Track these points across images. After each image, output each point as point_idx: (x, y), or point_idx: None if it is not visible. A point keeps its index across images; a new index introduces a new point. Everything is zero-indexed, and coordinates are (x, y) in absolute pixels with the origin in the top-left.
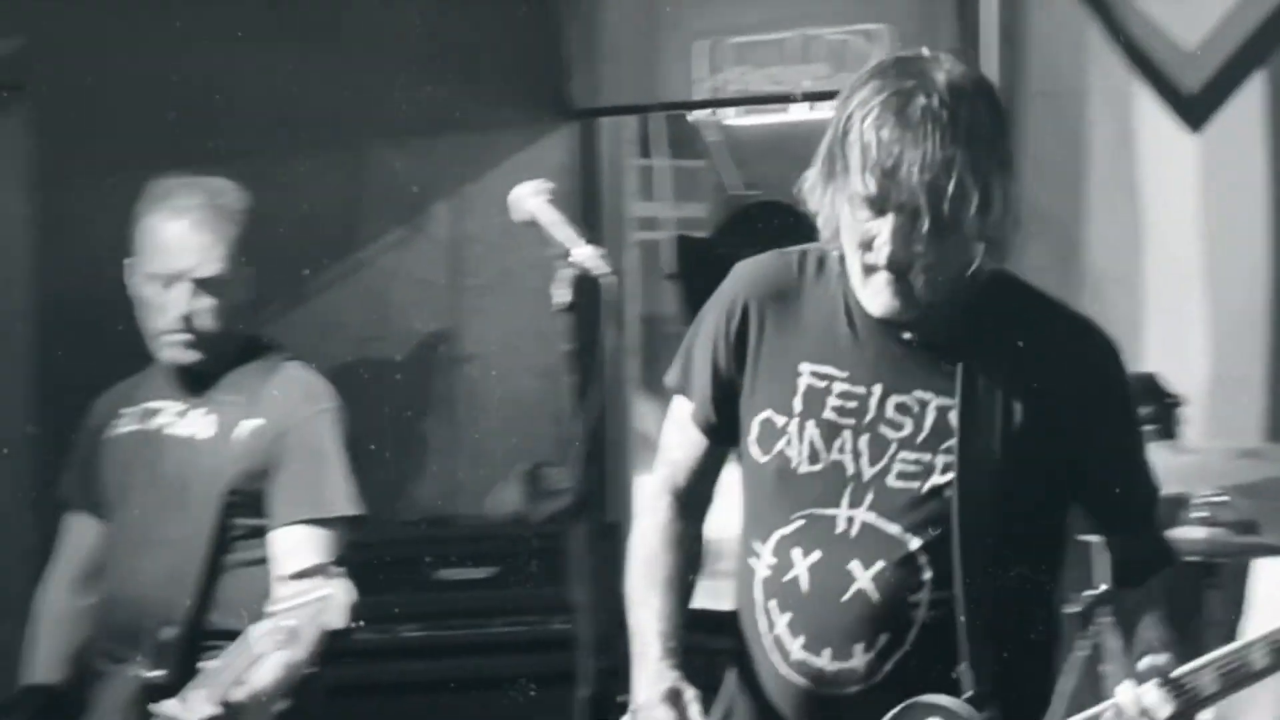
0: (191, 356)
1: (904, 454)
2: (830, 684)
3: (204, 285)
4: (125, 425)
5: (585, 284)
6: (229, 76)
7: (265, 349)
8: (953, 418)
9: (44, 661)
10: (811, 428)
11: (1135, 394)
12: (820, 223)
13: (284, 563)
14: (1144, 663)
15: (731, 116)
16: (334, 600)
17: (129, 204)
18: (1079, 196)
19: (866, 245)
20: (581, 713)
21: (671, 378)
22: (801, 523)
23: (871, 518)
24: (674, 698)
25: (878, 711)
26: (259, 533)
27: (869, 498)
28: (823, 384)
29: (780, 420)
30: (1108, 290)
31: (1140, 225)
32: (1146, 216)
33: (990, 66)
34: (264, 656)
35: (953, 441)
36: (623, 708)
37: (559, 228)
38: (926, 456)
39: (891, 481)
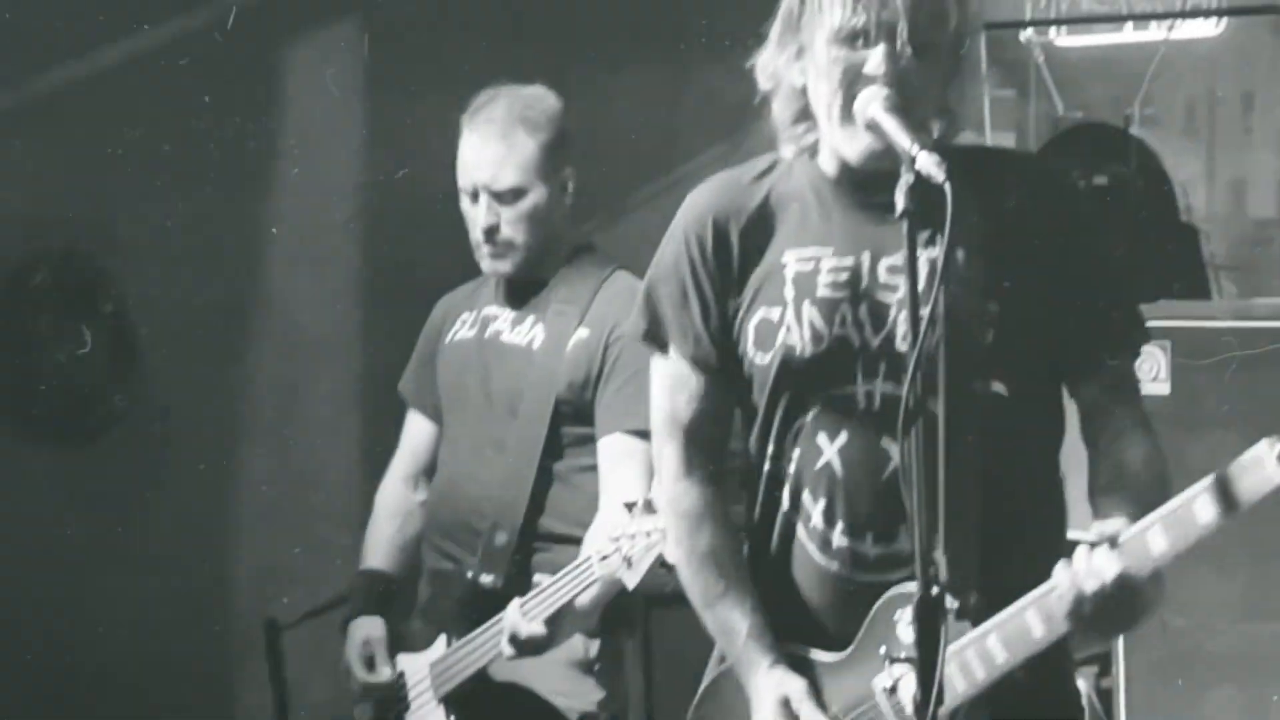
0: (503, 268)
1: (903, 314)
2: (875, 570)
3: (503, 197)
4: (464, 331)
5: (923, 190)
6: None
7: (595, 257)
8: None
9: (378, 549)
10: (808, 308)
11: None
12: (777, 100)
13: (609, 473)
14: (1096, 528)
15: (1059, 37)
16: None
17: (456, 113)
18: None
19: (851, 81)
20: None
21: (636, 327)
22: (819, 408)
23: (890, 387)
24: (785, 706)
25: None
26: (588, 440)
27: (882, 367)
28: (810, 265)
29: (775, 313)
30: None
31: None
32: None
33: None
34: (598, 580)
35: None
36: None
37: (898, 134)
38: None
39: (899, 345)
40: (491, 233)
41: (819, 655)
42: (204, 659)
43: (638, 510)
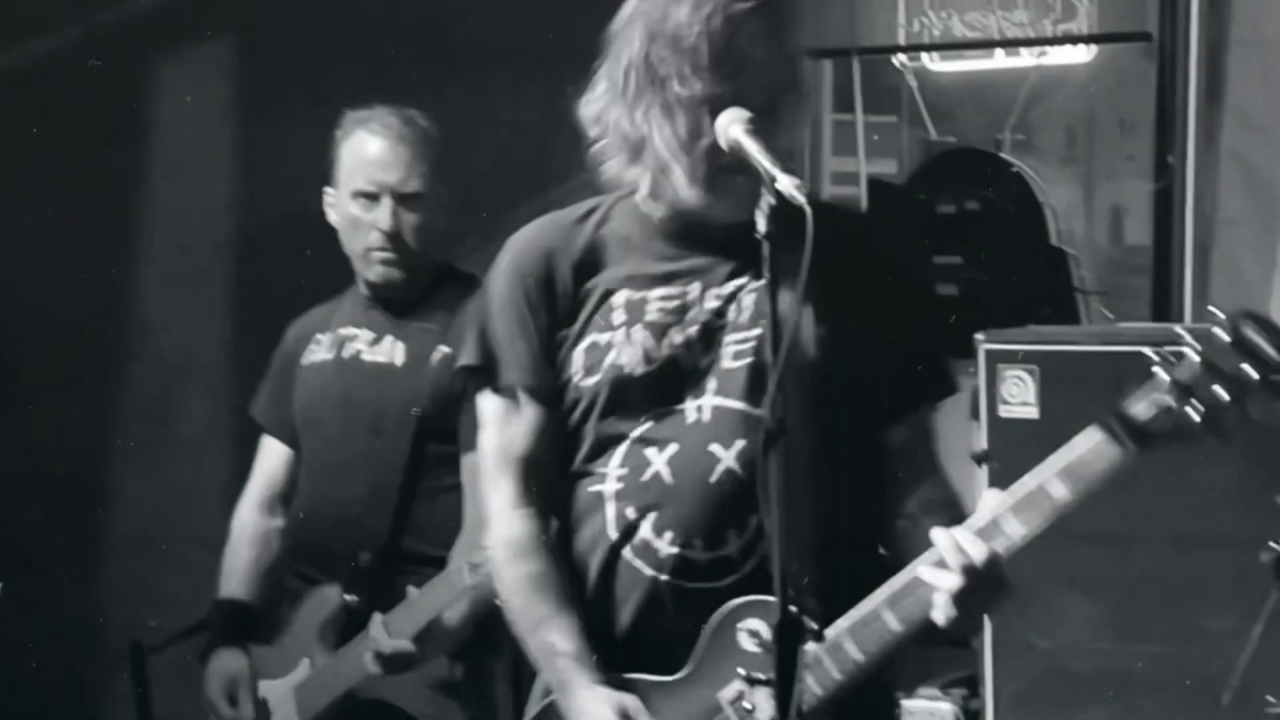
0: (394, 275)
1: (732, 336)
2: (705, 577)
3: (406, 202)
4: (321, 352)
5: (785, 213)
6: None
7: (458, 276)
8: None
9: (236, 577)
10: (639, 331)
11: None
12: (611, 141)
13: (472, 489)
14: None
15: (932, 63)
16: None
17: (326, 134)
18: None
19: (696, 137)
20: None
21: (469, 360)
22: (650, 423)
23: (719, 400)
24: (623, 717)
25: None
26: (451, 459)
27: (711, 384)
28: (639, 295)
29: (605, 338)
30: None
31: None
32: None
33: (1195, 15)
34: (466, 593)
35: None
36: None
37: (761, 156)
38: (755, 332)
39: (727, 364)
40: (395, 237)
41: (651, 678)
42: (71, 682)
43: None
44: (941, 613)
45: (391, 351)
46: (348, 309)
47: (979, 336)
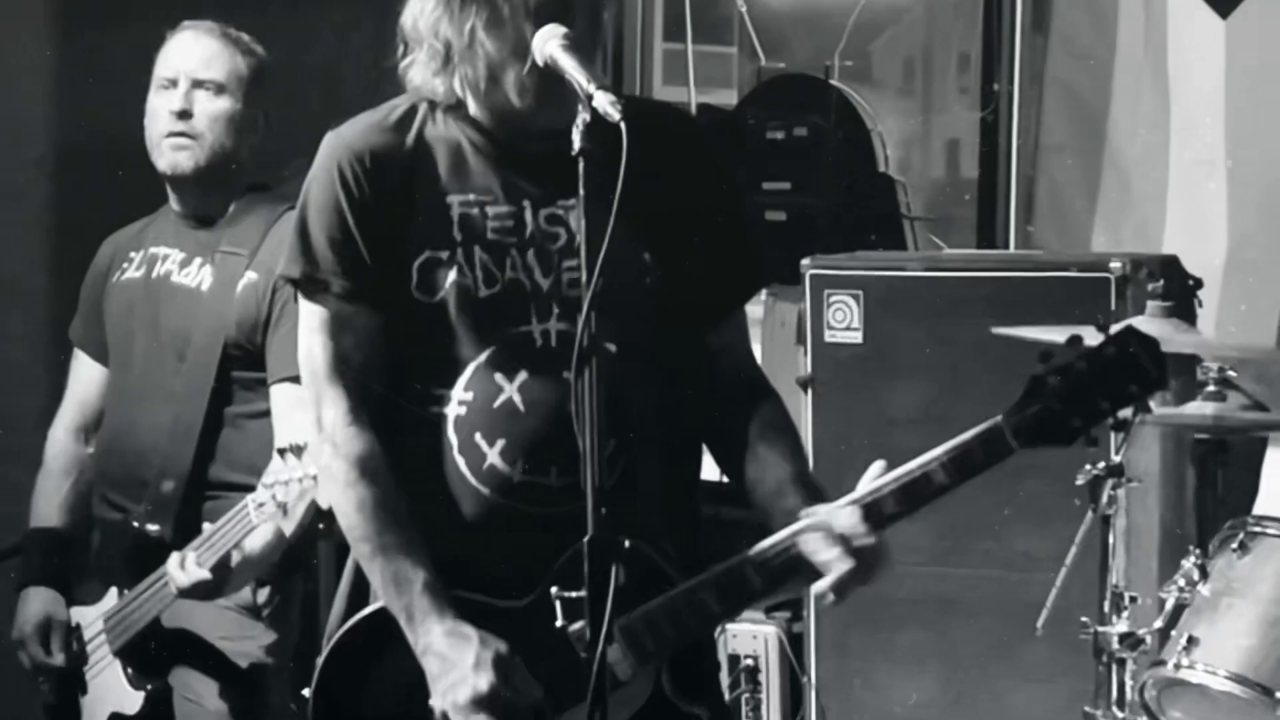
0: (184, 162)
1: (567, 262)
2: (559, 503)
3: (204, 86)
4: (131, 270)
5: (600, 129)
6: None
7: (267, 196)
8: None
9: (49, 506)
10: (479, 252)
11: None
12: (430, 48)
13: (280, 421)
14: (875, 467)
15: None
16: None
17: (148, 53)
18: (1106, 77)
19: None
20: None
21: (293, 268)
22: (495, 348)
23: (564, 326)
24: (500, 663)
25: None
26: (259, 385)
27: (555, 308)
28: (475, 210)
29: (444, 254)
30: (1130, 171)
31: (1166, 108)
32: (1173, 100)
33: None
34: (257, 527)
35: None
36: None
37: (576, 72)
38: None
39: (566, 291)
40: (184, 116)
41: (497, 602)
42: None
43: (290, 456)
44: (828, 587)
45: (199, 275)
46: (160, 227)
47: (805, 262)
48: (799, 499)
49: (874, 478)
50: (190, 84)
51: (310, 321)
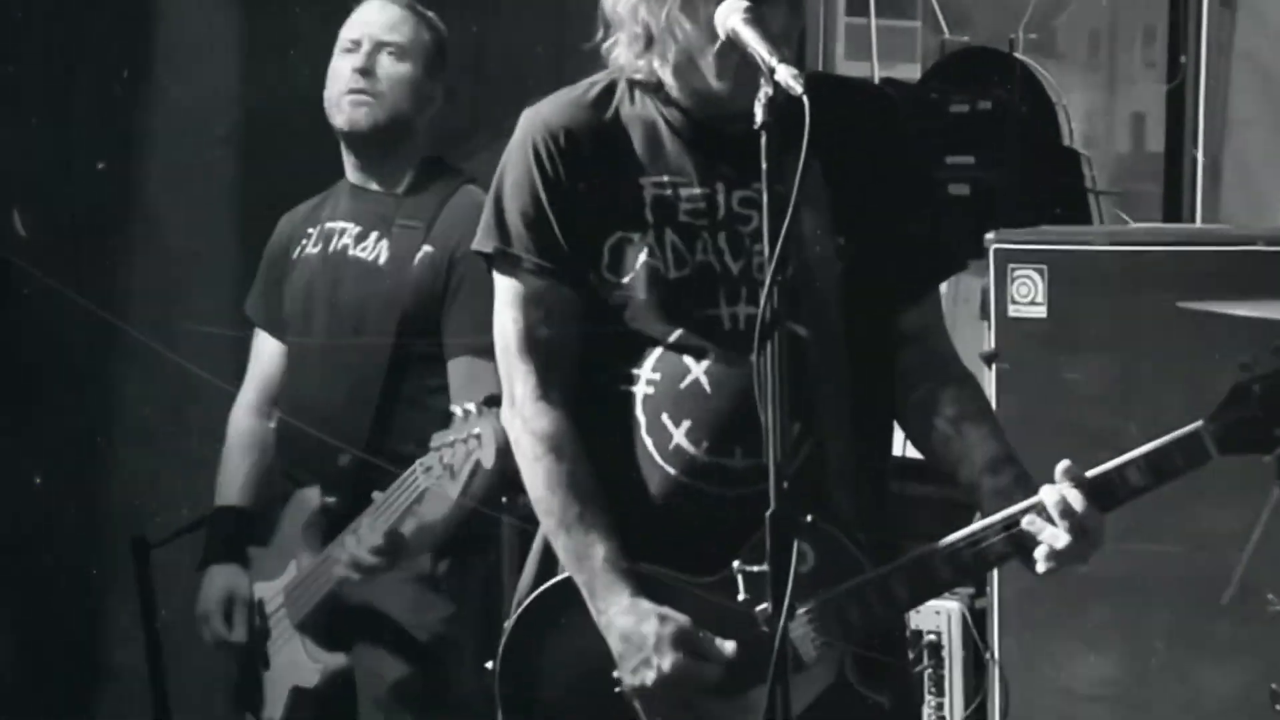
0: (361, 119)
1: (758, 245)
2: (743, 483)
3: (388, 48)
4: (310, 247)
5: (782, 104)
6: None
7: (443, 169)
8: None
9: (233, 485)
10: (670, 234)
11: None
12: (630, 31)
13: (458, 394)
14: (1061, 466)
15: None
16: (485, 438)
17: (334, 28)
18: None
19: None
20: None
21: (487, 243)
22: (684, 330)
23: (753, 309)
24: (683, 640)
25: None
26: (436, 360)
27: (744, 291)
28: (668, 192)
29: (635, 235)
30: None
31: None
32: None
33: None
34: (428, 491)
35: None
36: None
37: (758, 45)
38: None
39: (756, 274)
40: (366, 74)
41: (683, 577)
42: (73, 577)
43: (457, 419)
44: (1043, 564)
45: (376, 248)
46: (336, 201)
47: (989, 236)
48: (1009, 477)
49: (1061, 473)
50: (374, 45)
51: (503, 296)
